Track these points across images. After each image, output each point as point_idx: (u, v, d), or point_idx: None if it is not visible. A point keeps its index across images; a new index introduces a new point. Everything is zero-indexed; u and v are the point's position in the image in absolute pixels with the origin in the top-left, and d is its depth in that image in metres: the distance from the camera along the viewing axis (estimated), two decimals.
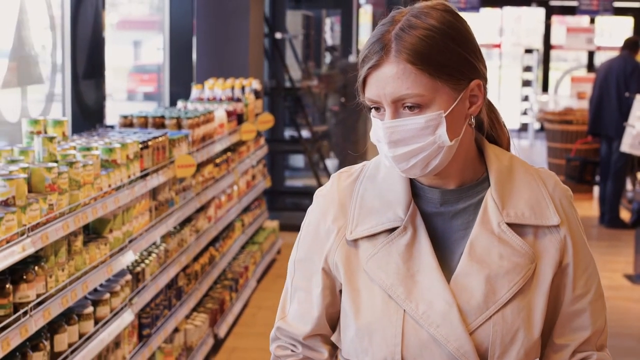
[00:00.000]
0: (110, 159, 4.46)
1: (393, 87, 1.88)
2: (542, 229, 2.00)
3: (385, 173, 2.04)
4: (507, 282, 1.95)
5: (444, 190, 2.01)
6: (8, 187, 3.39)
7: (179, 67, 8.49)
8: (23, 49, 5.46)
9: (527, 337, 1.95)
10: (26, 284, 3.47)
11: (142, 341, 4.97)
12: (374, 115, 1.95)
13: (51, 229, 3.63)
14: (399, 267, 1.96)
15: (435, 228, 2.01)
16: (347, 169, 2.12)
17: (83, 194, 4.02)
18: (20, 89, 5.49)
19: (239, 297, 7.20)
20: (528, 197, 2.01)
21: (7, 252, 3.26)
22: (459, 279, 1.96)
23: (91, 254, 4.15)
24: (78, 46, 6.01)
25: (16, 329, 3.35)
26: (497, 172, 2.02)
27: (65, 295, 3.80)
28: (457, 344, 1.91)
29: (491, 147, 2.06)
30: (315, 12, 13.96)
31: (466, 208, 2.01)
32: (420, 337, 1.93)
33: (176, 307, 5.65)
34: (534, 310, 1.97)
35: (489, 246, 1.96)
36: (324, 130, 12.83)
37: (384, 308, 1.95)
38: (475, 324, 1.93)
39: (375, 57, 1.91)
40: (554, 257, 2.00)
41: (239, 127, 7.50)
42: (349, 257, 2.01)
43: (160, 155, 5.22)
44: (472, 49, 1.95)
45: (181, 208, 5.72)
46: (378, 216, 2.00)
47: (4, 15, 5.28)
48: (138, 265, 4.94)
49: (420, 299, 1.94)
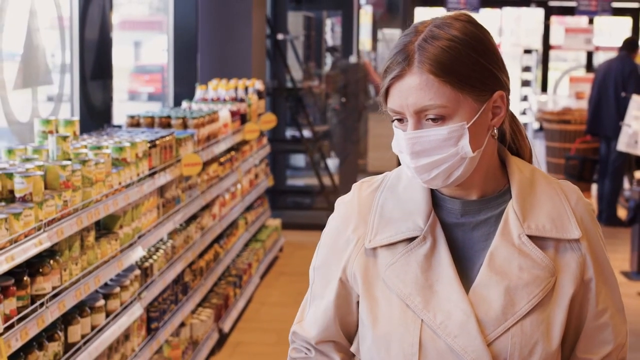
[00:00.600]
0: (120, 158, 4.61)
1: (416, 98, 1.88)
2: (563, 243, 2.00)
3: (406, 183, 2.04)
4: (526, 295, 1.95)
5: (465, 201, 2.01)
6: (26, 184, 3.55)
7: (182, 68, 8.64)
8: (33, 50, 5.60)
9: (545, 351, 1.95)
10: (42, 276, 3.62)
11: (151, 334, 5.12)
12: (396, 126, 1.94)
13: (66, 224, 3.78)
14: (417, 276, 1.96)
15: (456, 239, 2.00)
16: (368, 179, 2.13)
17: (95, 191, 4.17)
18: (30, 90, 5.63)
19: (242, 293, 7.35)
20: (549, 210, 2.01)
21: (25, 246, 3.41)
22: (477, 289, 1.96)
23: (102, 249, 4.30)
24: (86, 47, 6.16)
25: (33, 320, 3.50)
26: (519, 184, 2.01)
27: (79, 288, 3.95)
28: (474, 355, 1.91)
29: (513, 159, 2.06)
30: (316, 13, 14.09)
31: (487, 219, 2.01)
32: (438, 348, 1.93)
33: (182, 302, 5.79)
34: (552, 324, 1.97)
35: (509, 258, 1.96)
36: (325, 130, 12.96)
37: (402, 317, 1.95)
38: (493, 336, 1.93)
39: (398, 68, 1.89)
40: (574, 272, 1.99)
41: (242, 126, 7.65)
42: (367, 266, 2.01)
43: (168, 154, 5.37)
44: (495, 60, 1.94)
45: (187, 205, 5.87)
46: (398, 225, 2.00)
47: (15, 18, 5.42)
48: (146, 261, 5.09)
49: (438, 309, 1.94)
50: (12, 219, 3.33)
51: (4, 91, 5.29)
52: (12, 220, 3.33)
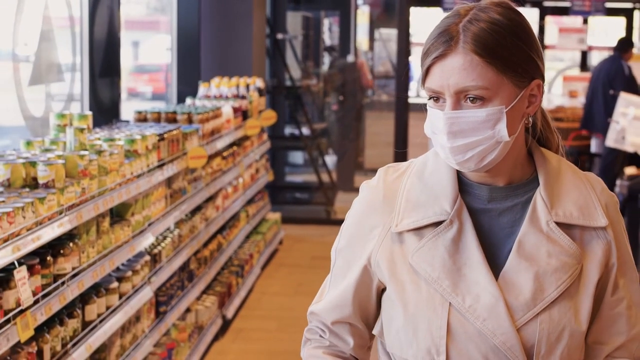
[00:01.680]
0: (132, 149, 4.90)
1: (458, 77, 1.89)
2: (589, 231, 2.01)
3: (433, 168, 2.05)
4: (555, 280, 1.96)
5: (492, 187, 2.02)
6: (49, 171, 3.84)
7: (185, 66, 8.93)
8: (47, 49, 5.89)
9: (572, 337, 1.96)
10: (63, 257, 3.91)
11: (159, 317, 5.41)
12: (431, 106, 1.96)
13: (84, 209, 4.07)
14: (445, 260, 1.97)
15: (482, 224, 2.01)
16: (393, 164, 2.13)
17: (110, 180, 4.46)
18: (44, 86, 5.93)
19: (244, 282, 7.65)
20: (576, 198, 2.02)
21: (49, 228, 3.70)
22: (507, 275, 1.96)
23: (116, 235, 4.59)
24: (95, 46, 6.45)
25: (56, 297, 3.79)
26: (546, 173, 2.03)
27: (95, 269, 4.24)
28: (503, 338, 1.92)
29: (541, 149, 2.07)
30: (314, 13, 14.36)
31: (513, 206, 2.02)
32: (466, 330, 1.94)
33: (188, 288, 6.09)
34: (580, 311, 1.98)
35: (538, 244, 1.97)
36: (323, 127, 13.24)
37: (430, 300, 1.96)
38: (522, 321, 1.94)
39: (442, 47, 1.91)
40: (599, 259, 2.01)
41: (244, 122, 7.94)
42: (393, 252, 2.02)
43: (175, 147, 5.66)
44: (536, 48, 1.96)
45: (192, 197, 6.16)
46: (424, 209, 2.00)
47: (31, 18, 5.71)
48: (155, 248, 5.38)
49: (467, 292, 1.95)
50: (38, 203, 3.62)
51: (19, 88, 5.59)
52: (37, 204, 3.62)
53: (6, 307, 3.39)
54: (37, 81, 5.82)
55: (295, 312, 7.09)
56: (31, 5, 5.71)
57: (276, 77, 11.70)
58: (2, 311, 3.35)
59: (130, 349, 4.83)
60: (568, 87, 16.51)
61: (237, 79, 8.45)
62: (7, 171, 3.83)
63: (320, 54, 15.15)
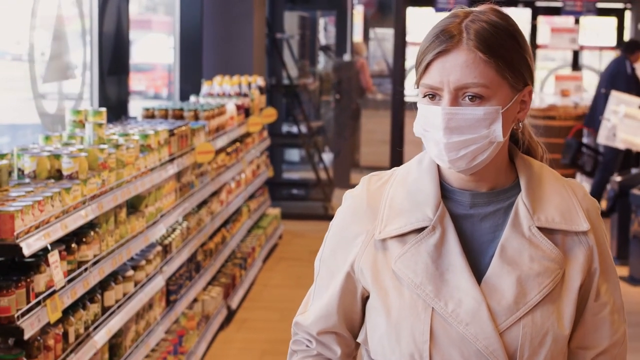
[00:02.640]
0: (146, 144, 5.12)
1: (460, 74, 1.91)
2: (571, 235, 2.02)
3: (416, 176, 2.06)
4: (537, 285, 1.96)
5: (475, 193, 2.03)
6: (73, 163, 4.06)
7: (188, 65, 9.16)
8: (59, 48, 6.12)
9: (555, 341, 1.97)
10: (86, 245, 4.14)
11: (169, 305, 5.63)
12: (425, 103, 1.97)
13: (105, 199, 4.30)
14: (427, 266, 1.98)
15: (464, 230, 2.02)
16: (377, 173, 2.14)
17: (126, 172, 4.68)
18: (57, 84, 6.15)
19: (247, 274, 7.88)
20: (558, 204, 2.03)
21: (74, 217, 3.93)
22: (490, 279, 1.98)
23: (132, 225, 4.82)
24: (104, 44, 6.67)
25: (80, 282, 4.02)
26: (528, 178, 2.04)
27: (114, 257, 4.46)
28: (485, 342, 1.93)
29: (523, 156, 2.09)
30: (310, 12, 14.59)
31: (496, 212, 2.03)
32: (449, 335, 1.95)
33: (195, 279, 6.31)
34: (562, 315, 1.99)
35: (520, 249, 1.98)
36: (320, 125, 13.48)
37: (412, 306, 1.97)
38: (504, 325, 1.95)
39: (445, 44, 1.92)
40: (582, 264, 2.02)
41: (246, 120, 8.17)
42: (376, 259, 2.03)
43: (184, 143, 5.89)
44: (529, 54, 1.99)
45: (200, 191, 6.38)
46: (407, 216, 2.01)
47: (45, 17, 5.94)
48: (166, 239, 5.61)
49: (449, 298, 1.96)
50: (64, 193, 3.85)
51: (35, 86, 5.81)
52: (64, 194, 3.84)
53: (37, 290, 3.61)
54: (51, 79, 6.04)
55: (296, 303, 7.20)
56: (45, 5, 5.94)
57: (275, 75, 11.92)
58: (33, 294, 3.57)
59: (144, 335, 5.05)
60: (560, 86, 16.75)
61: (238, 78, 8.68)
62: (33, 163, 4.06)
63: (316, 53, 15.38)
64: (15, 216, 3.38)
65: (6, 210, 3.39)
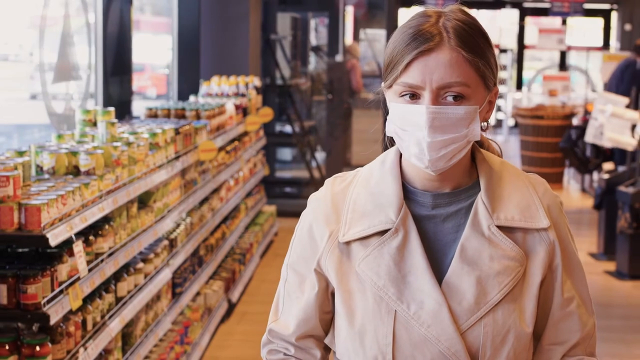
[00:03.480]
0: (154, 142, 5.34)
1: (443, 73, 1.90)
2: (532, 232, 2.01)
3: (378, 178, 2.06)
4: (497, 284, 1.96)
5: (436, 194, 2.03)
6: (90, 160, 4.28)
7: (186, 66, 9.38)
8: (66, 50, 6.33)
9: (517, 338, 1.97)
10: (102, 237, 4.36)
11: (175, 298, 5.85)
12: (402, 102, 1.96)
13: (119, 194, 4.52)
14: (390, 268, 1.97)
15: (427, 231, 2.01)
16: (341, 174, 2.14)
17: (137, 169, 4.90)
18: (65, 84, 6.37)
19: (246, 269, 8.11)
20: (518, 201, 2.02)
21: (92, 210, 4.15)
22: (450, 280, 1.97)
23: (142, 219, 5.03)
24: (107, 46, 6.89)
25: (97, 272, 4.24)
26: (487, 177, 2.04)
27: (127, 250, 4.68)
28: (447, 344, 1.94)
29: (483, 153, 2.08)
30: (302, 14, 14.80)
31: (457, 211, 2.02)
32: (412, 337, 1.95)
33: (198, 272, 6.53)
34: (524, 312, 1.99)
35: (480, 248, 1.98)
36: (312, 125, 13.69)
37: (376, 309, 1.97)
38: (466, 325, 1.95)
39: (426, 43, 1.91)
40: (543, 260, 2.01)
41: (244, 119, 8.40)
42: (341, 260, 2.03)
43: (188, 141, 6.11)
44: (495, 56, 2.01)
45: (202, 188, 6.60)
46: (370, 219, 2.01)
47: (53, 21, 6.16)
48: (172, 234, 5.82)
49: (412, 300, 1.96)
50: (84, 187, 4.07)
51: (44, 88, 6.03)
52: (83, 189, 4.06)
53: (60, 280, 3.83)
54: (59, 79, 6.25)
55: None
56: (54, 9, 6.15)
57: (268, 75, 12.14)
58: (57, 282, 3.79)
59: (152, 325, 5.27)
60: (548, 86, 17.02)
61: (235, 78, 8.90)
62: (52, 160, 4.28)
63: (308, 54, 15.60)
64: (42, 209, 3.60)
65: (33, 204, 3.61)
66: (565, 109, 14.26)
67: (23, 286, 3.60)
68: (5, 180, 3.56)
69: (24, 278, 3.61)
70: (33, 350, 3.67)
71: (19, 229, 3.64)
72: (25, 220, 3.61)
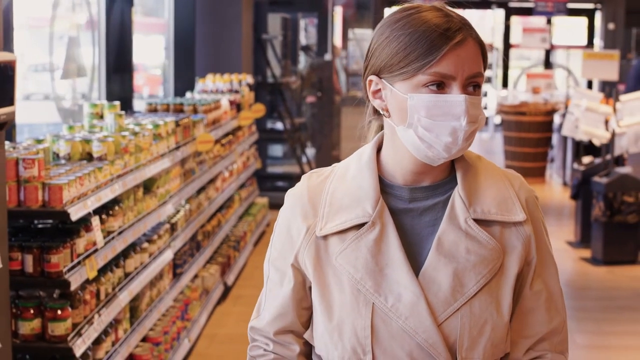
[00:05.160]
0: (157, 132, 5.81)
1: (472, 64, 1.95)
2: (508, 225, 2.03)
3: (355, 172, 2.07)
4: (474, 276, 1.98)
5: (413, 187, 2.04)
6: (102, 147, 4.75)
7: (181, 64, 9.86)
8: (73, 49, 6.80)
9: (494, 330, 1.99)
10: (113, 217, 4.82)
11: (176, 277, 6.32)
12: (429, 92, 1.95)
13: (127, 179, 4.98)
14: (367, 261, 1.99)
15: (404, 224, 2.03)
16: (317, 170, 2.16)
17: (142, 157, 5.37)
18: (72, 81, 6.84)
19: (240, 255, 8.58)
20: (494, 195, 2.04)
21: (106, 191, 4.61)
22: (427, 273, 1.98)
23: (147, 203, 5.50)
24: (110, 46, 7.35)
25: (109, 248, 4.70)
26: (464, 171, 2.05)
27: (134, 229, 5.15)
28: (425, 335, 1.95)
29: None
30: (292, 14, 15.24)
31: (434, 205, 2.04)
32: (390, 330, 1.97)
33: (196, 256, 7.00)
34: (501, 304, 2.00)
35: (457, 241, 1.99)
36: (302, 122, 14.13)
37: (353, 302, 1.99)
38: (443, 316, 1.96)
39: (457, 36, 1.95)
40: (519, 253, 2.03)
41: (237, 114, 8.87)
42: (318, 254, 2.04)
43: (187, 133, 6.58)
44: None
45: (199, 177, 7.08)
46: (347, 212, 2.02)
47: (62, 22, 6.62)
48: (173, 218, 6.29)
49: (389, 292, 1.97)
50: (97, 171, 4.54)
51: (54, 85, 6.50)
52: (97, 172, 4.53)
53: (77, 252, 4.30)
54: (66, 76, 6.72)
55: None
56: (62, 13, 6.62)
57: (260, 74, 12.60)
58: (75, 254, 4.26)
59: (156, 301, 5.74)
60: (532, 83, 17.48)
61: (229, 76, 9.37)
62: (67, 147, 4.75)
63: (297, 53, 16.04)
64: (63, 188, 4.07)
65: (56, 183, 4.08)
66: (547, 106, 14.72)
67: (47, 256, 4.07)
68: (31, 163, 4.03)
69: (48, 249, 4.08)
70: (55, 313, 4.14)
71: (42, 206, 4.11)
72: (48, 198, 4.08)
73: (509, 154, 14.64)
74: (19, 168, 4.04)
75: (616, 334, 7.20)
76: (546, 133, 14.29)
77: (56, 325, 4.14)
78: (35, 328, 4.15)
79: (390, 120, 2.03)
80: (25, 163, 4.03)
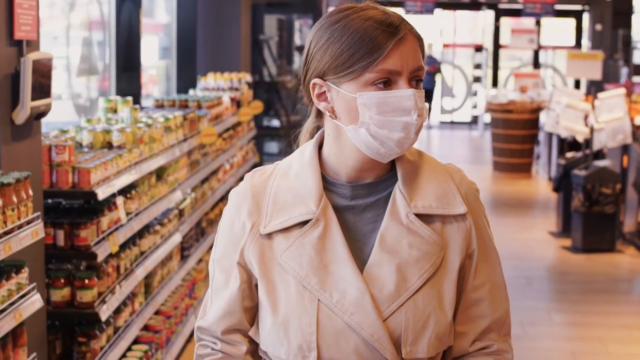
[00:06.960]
0: (167, 125, 6.34)
1: (414, 59, 1.96)
2: (450, 219, 2.04)
3: (298, 170, 2.07)
4: (417, 270, 1.99)
5: (354, 185, 2.05)
6: (121, 136, 5.29)
7: (183, 63, 10.39)
8: (87, 49, 7.32)
9: (438, 323, 1.99)
10: (130, 200, 5.35)
11: (184, 259, 6.85)
12: (376, 90, 1.95)
13: (143, 166, 5.52)
14: (312, 258, 1.99)
15: (347, 221, 2.04)
16: (260, 168, 2.16)
17: (155, 147, 5.90)
18: (86, 79, 7.36)
19: None
20: (435, 189, 2.05)
21: (126, 176, 5.15)
22: (371, 269, 1.99)
23: (159, 189, 6.03)
24: (119, 45, 7.88)
25: (128, 227, 5.23)
26: (404, 167, 2.06)
27: (148, 212, 5.67)
28: (370, 331, 1.95)
29: None
30: (287, 16, 15.75)
31: (376, 202, 2.05)
32: (335, 325, 1.97)
33: (201, 242, 7.53)
34: (444, 297, 2.01)
35: (399, 236, 2.00)
36: (297, 119, 14.63)
37: (299, 299, 1.99)
38: (388, 312, 1.97)
39: (399, 32, 1.95)
40: (460, 245, 2.04)
41: (237, 111, 9.41)
42: (263, 251, 2.04)
43: (193, 126, 7.12)
44: None
45: (204, 168, 7.61)
46: (291, 210, 2.02)
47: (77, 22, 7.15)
48: (180, 205, 6.82)
49: (334, 288, 1.98)
50: (118, 158, 5.07)
51: (71, 82, 7.02)
52: (117, 159, 5.06)
53: (102, 229, 4.83)
54: (81, 74, 7.24)
55: None
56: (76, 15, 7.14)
57: (257, 73, 13.11)
58: (100, 231, 4.79)
59: (167, 279, 6.27)
60: (519, 83, 18.01)
61: (229, 74, 9.90)
62: (90, 137, 5.28)
63: (293, 53, 16.53)
64: (91, 171, 4.61)
65: (85, 167, 4.62)
66: (533, 104, 15.25)
67: (76, 231, 4.60)
68: (62, 149, 4.56)
69: (77, 225, 4.61)
70: (83, 282, 4.68)
71: (72, 187, 4.64)
72: (78, 179, 4.61)
73: (496, 150, 15.18)
74: (52, 153, 4.57)
75: (592, 314, 7.77)
76: (532, 130, 14.84)
77: (84, 293, 4.67)
78: (66, 295, 4.68)
79: (337, 121, 2.03)
80: (57, 149, 4.56)
